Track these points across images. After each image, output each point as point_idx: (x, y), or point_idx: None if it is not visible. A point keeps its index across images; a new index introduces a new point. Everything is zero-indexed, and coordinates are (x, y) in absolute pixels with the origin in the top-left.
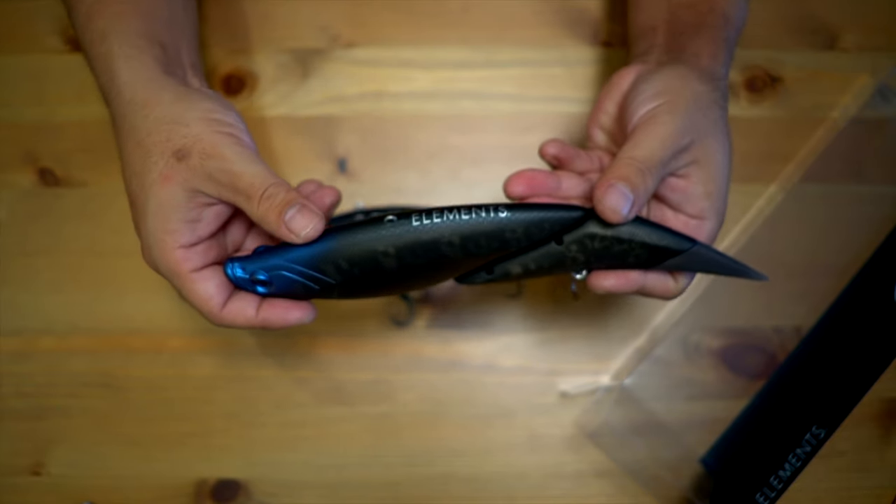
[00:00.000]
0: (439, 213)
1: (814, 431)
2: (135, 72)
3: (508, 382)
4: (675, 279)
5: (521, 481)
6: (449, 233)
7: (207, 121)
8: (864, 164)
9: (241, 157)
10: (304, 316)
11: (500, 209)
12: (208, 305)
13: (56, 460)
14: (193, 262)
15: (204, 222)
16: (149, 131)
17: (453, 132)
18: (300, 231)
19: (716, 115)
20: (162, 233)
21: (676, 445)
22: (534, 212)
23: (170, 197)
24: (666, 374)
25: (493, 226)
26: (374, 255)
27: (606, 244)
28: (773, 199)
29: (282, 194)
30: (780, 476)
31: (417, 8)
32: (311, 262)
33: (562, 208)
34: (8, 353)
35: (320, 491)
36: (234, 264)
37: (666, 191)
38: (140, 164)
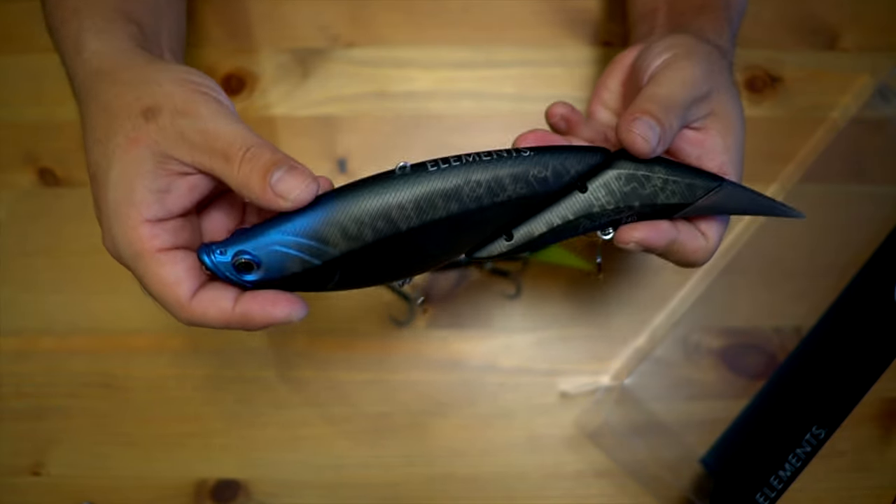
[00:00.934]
0: (457, 158)
1: (814, 431)
2: (105, 43)
3: (508, 382)
4: (706, 235)
5: (520, 481)
6: (471, 177)
7: (181, 80)
8: (864, 164)
9: (218, 114)
10: (292, 311)
11: (522, 151)
12: (175, 293)
13: (56, 460)
14: (161, 240)
15: (175, 194)
16: (116, 94)
17: (453, 132)
18: (289, 193)
19: (727, 75)
20: (126, 205)
21: (676, 445)
22: (558, 152)
23: (136, 162)
24: (666, 374)
25: (517, 166)
26: (386, 209)
27: (634, 185)
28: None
29: (267, 154)
30: (781, 476)
31: (417, 8)
32: (310, 228)
33: (585, 150)
34: (8, 353)
35: (320, 491)
36: (212, 248)
37: (684, 144)
38: (104, 129)
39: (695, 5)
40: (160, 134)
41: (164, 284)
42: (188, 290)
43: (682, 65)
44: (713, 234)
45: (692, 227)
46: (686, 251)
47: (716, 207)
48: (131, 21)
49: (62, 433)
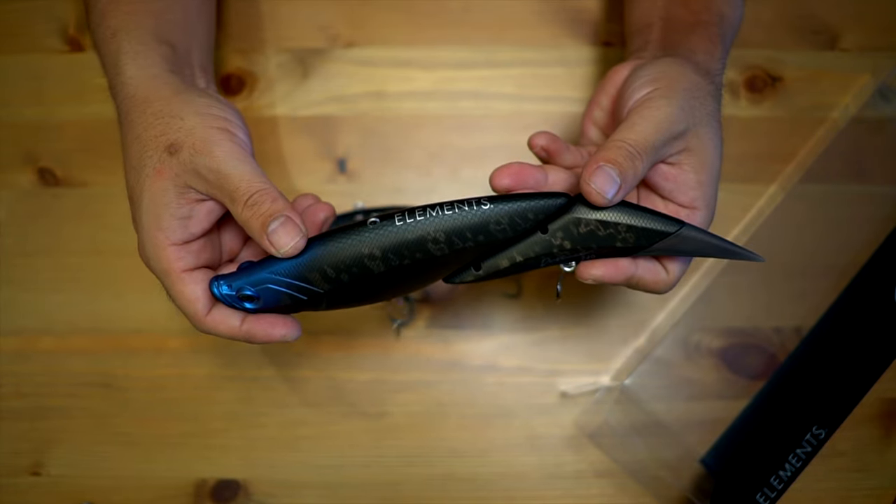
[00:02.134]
0: (422, 210)
1: (814, 432)
2: (140, 69)
3: (508, 382)
4: (667, 269)
5: (520, 481)
6: (433, 230)
7: (202, 115)
8: (864, 164)
9: (230, 155)
10: (288, 332)
11: (482, 202)
12: (194, 307)
13: (56, 460)
14: (185, 262)
15: (195, 219)
16: (146, 125)
17: (453, 132)
18: (281, 247)
19: (710, 107)
20: (155, 229)
21: (676, 445)
22: (517, 202)
23: (161, 192)
24: (666, 374)
25: (476, 219)
26: (359, 258)
27: (591, 228)
28: (774, 199)
29: (267, 203)
30: (781, 476)
31: (417, 8)
32: (296, 272)
33: (545, 196)
34: (8, 353)
35: (320, 491)
36: (220, 282)
37: (657, 178)
38: (137, 158)
39: (689, 22)
40: (181, 168)
41: (186, 301)
42: (205, 306)
43: (658, 104)
44: (674, 268)
45: (653, 261)
46: (646, 284)
47: (673, 250)
48: (164, 42)
49: (62, 433)
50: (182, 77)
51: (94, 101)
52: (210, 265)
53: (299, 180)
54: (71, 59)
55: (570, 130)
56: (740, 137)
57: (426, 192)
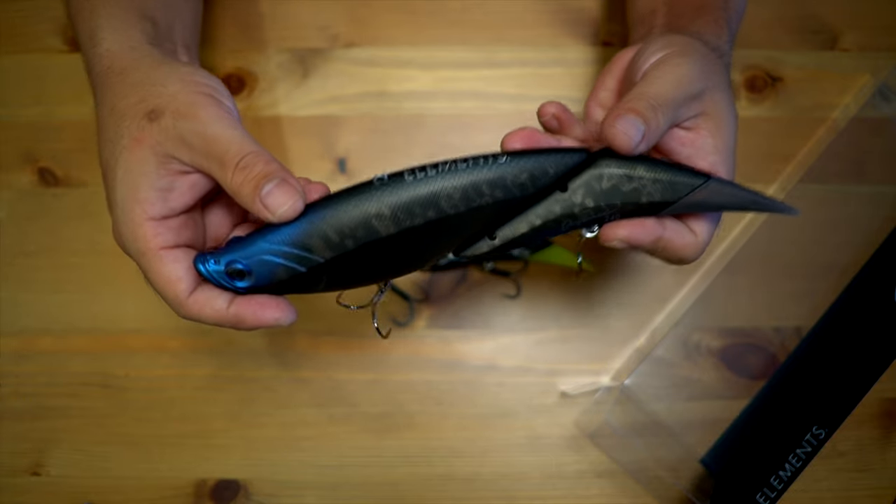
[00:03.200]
0: (433, 166)
1: (814, 432)
2: (118, 42)
3: (508, 382)
4: (695, 231)
5: (521, 481)
6: (447, 185)
7: (185, 81)
8: (864, 164)
9: (218, 119)
10: (281, 316)
11: (499, 157)
12: (174, 289)
13: (56, 460)
14: (164, 238)
15: (177, 192)
16: (124, 94)
17: (453, 132)
18: (277, 209)
19: (723, 76)
20: (131, 202)
21: (676, 445)
22: (536, 156)
23: (140, 162)
24: (666, 374)
25: (493, 173)
26: (366, 219)
27: (615, 182)
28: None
29: (260, 165)
30: (781, 476)
31: (417, 8)
32: (295, 238)
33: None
34: (8, 353)
35: (320, 491)
36: (207, 257)
37: (674, 144)
38: (113, 129)
39: (693, 6)
40: (162, 135)
41: (164, 281)
42: (187, 288)
43: (675, 62)
44: (702, 230)
45: (680, 223)
46: (674, 248)
47: (702, 205)
48: (145, 17)
49: (62, 433)
50: (163, 51)
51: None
52: (192, 245)
53: None
54: (71, 59)
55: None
56: (740, 137)
57: None
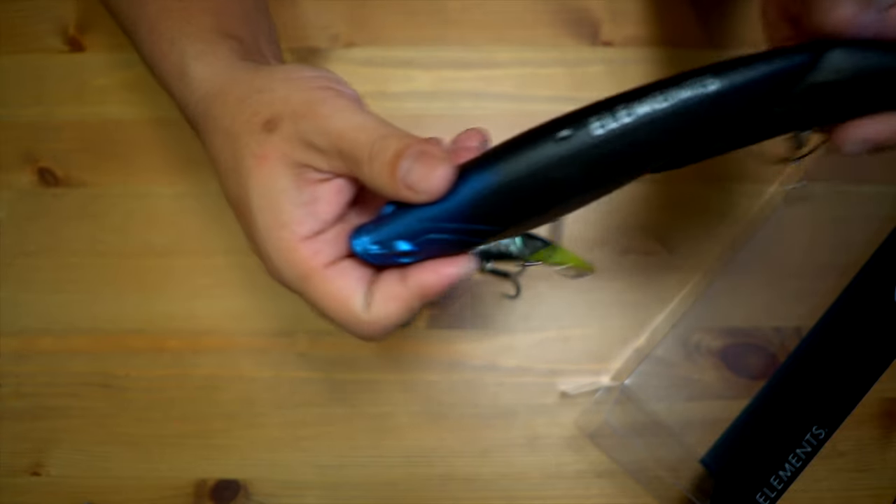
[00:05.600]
0: (626, 106)
1: (814, 431)
2: (208, 65)
3: (508, 382)
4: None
5: (520, 481)
6: (650, 137)
7: (294, 79)
8: (864, 164)
9: (338, 109)
10: (462, 269)
11: (706, 79)
12: (351, 306)
13: (56, 460)
14: (326, 254)
15: (323, 202)
16: (232, 114)
17: (453, 132)
18: (422, 186)
19: None
20: (277, 228)
21: (676, 445)
22: (750, 69)
23: (272, 180)
24: (666, 374)
25: (705, 110)
26: (551, 183)
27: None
28: (774, 199)
29: (392, 145)
30: (781, 476)
31: (417, 8)
32: (465, 213)
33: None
34: (8, 353)
35: (320, 491)
36: (363, 239)
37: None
38: (230, 155)
39: None
40: (287, 144)
41: (340, 300)
42: (361, 299)
43: None
44: None
45: None
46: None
47: None
48: (230, 36)
49: (62, 433)
50: (256, 62)
51: (94, 102)
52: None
53: None
54: (71, 59)
55: None
56: None
57: None
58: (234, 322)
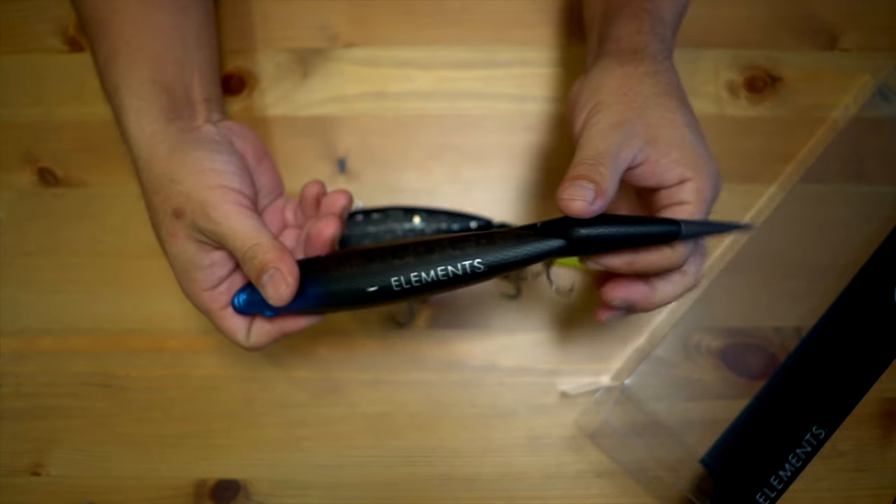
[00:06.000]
0: (416, 274)
1: (814, 431)
2: (140, 128)
3: (508, 382)
4: (672, 247)
5: (520, 482)
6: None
7: (198, 173)
8: (864, 164)
9: (226, 216)
10: (314, 320)
11: (475, 263)
12: (237, 338)
13: (56, 460)
14: (220, 301)
15: (218, 265)
16: (154, 189)
17: (453, 132)
18: (271, 298)
19: (648, 88)
20: (186, 280)
21: (676, 445)
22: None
23: (180, 251)
24: (666, 374)
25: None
26: (361, 293)
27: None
28: (773, 199)
29: (259, 257)
30: (781, 476)
31: (417, 8)
32: (304, 307)
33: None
34: (8, 353)
35: (320, 491)
36: (241, 300)
37: (643, 181)
38: (154, 217)
39: (618, 6)
40: (190, 229)
41: (230, 333)
42: (245, 333)
43: (594, 121)
44: (679, 245)
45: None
46: (651, 263)
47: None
48: (162, 91)
49: (62, 433)
50: (182, 123)
51: (94, 101)
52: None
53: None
54: (71, 59)
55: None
56: (740, 137)
57: (426, 193)
58: None
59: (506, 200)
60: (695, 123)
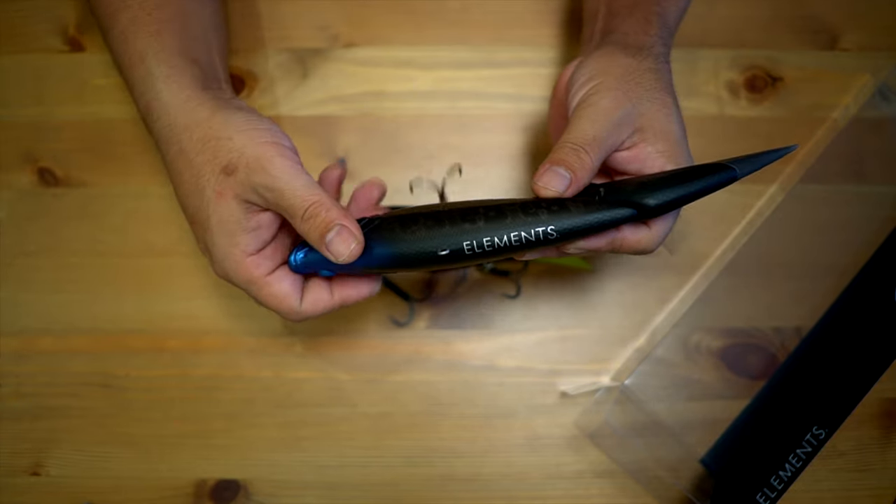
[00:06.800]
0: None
1: (814, 432)
2: (173, 93)
3: (508, 382)
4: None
5: (521, 482)
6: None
7: (247, 132)
8: (864, 164)
9: (283, 171)
10: (374, 289)
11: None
12: (288, 303)
13: (56, 460)
14: (265, 267)
15: (265, 227)
16: (197, 151)
17: (453, 132)
18: (339, 256)
19: (649, 82)
20: (230, 246)
21: (676, 445)
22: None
23: (228, 211)
24: (666, 374)
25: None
26: (432, 255)
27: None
28: (774, 199)
29: (321, 215)
30: (781, 476)
31: (417, 8)
32: (370, 266)
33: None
34: (8, 353)
35: (320, 491)
36: (299, 259)
37: (623, 165)
38: (194, 182)
39: (627, 4)
40: (240, 187)
41: (277, 300)
42: (297, 298)
43: (593, 101)
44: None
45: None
46: (630, 244)
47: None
48: (192, 61)
49: (62, 433)
50: (214, 93)
51: (94, 101)
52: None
53: None
54: (71, 59)
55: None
56: (740, 137)
57: (426, 193)
58: (234, 322)
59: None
60: (683, 123)
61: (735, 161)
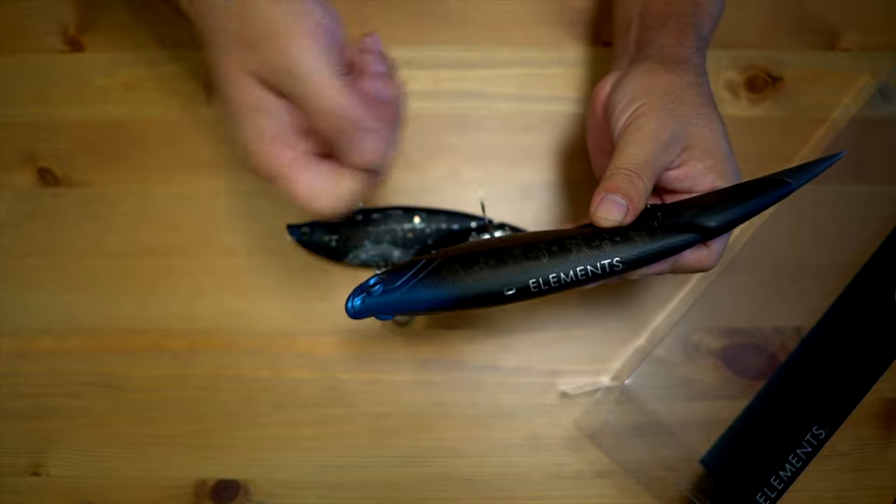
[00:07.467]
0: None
1: (814, 432)
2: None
3: (508, 382)
4: (708, 246)
5: (521, 482)
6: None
7: (280, 3)
8: (864, 164)
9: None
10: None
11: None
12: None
13: (56, 460)
14: (287, 156)
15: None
16: (227, 20)
17: (453, 132)
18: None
19: (692, 98)
20: (253, 129)
21: (677, 445)
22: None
23: (246, 88)
24: (666, 375)
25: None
26: (498, 296)
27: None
28: None
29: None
30: (781, 476)
31: (417, 8)
32: (430, 308)
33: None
34: (8, 353)
35: (320, 491)
36: (355, 303)
37: (673, 184)
38: (222, 54)
39: (662, 15)
40: (258, 64)
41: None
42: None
43: (640, 123)
44: (714, 244)
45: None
46: (690, 264)
47: None
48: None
49: (62, 433)
50: None
51: (94, 101)
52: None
53: None
54: (71, 59)
55: (569, 131)
56: (740, 137)
57: (426, 193)
58: (234, 322)
59: (506, 200)
60: (727, 136)
61: (788, 173)
